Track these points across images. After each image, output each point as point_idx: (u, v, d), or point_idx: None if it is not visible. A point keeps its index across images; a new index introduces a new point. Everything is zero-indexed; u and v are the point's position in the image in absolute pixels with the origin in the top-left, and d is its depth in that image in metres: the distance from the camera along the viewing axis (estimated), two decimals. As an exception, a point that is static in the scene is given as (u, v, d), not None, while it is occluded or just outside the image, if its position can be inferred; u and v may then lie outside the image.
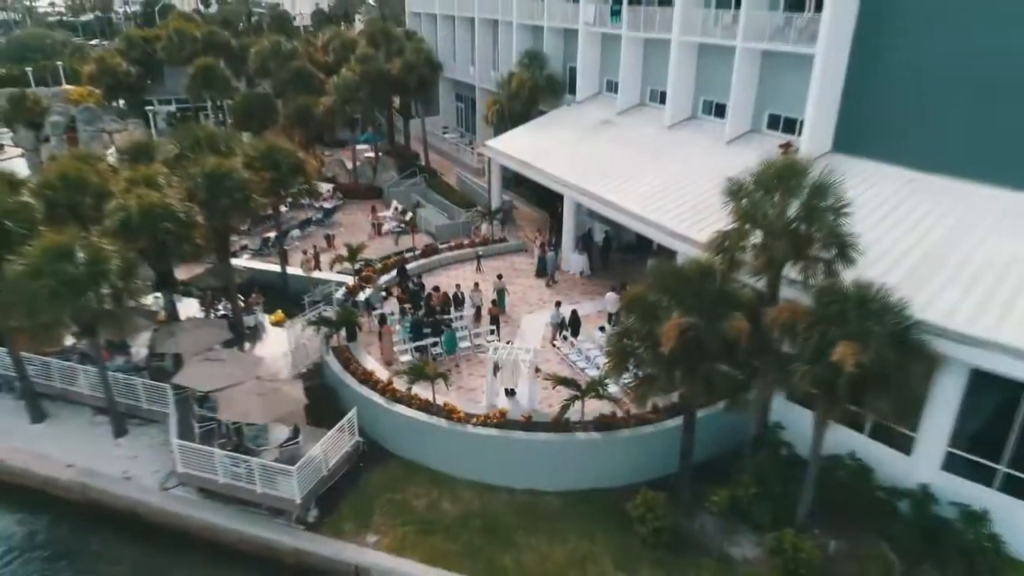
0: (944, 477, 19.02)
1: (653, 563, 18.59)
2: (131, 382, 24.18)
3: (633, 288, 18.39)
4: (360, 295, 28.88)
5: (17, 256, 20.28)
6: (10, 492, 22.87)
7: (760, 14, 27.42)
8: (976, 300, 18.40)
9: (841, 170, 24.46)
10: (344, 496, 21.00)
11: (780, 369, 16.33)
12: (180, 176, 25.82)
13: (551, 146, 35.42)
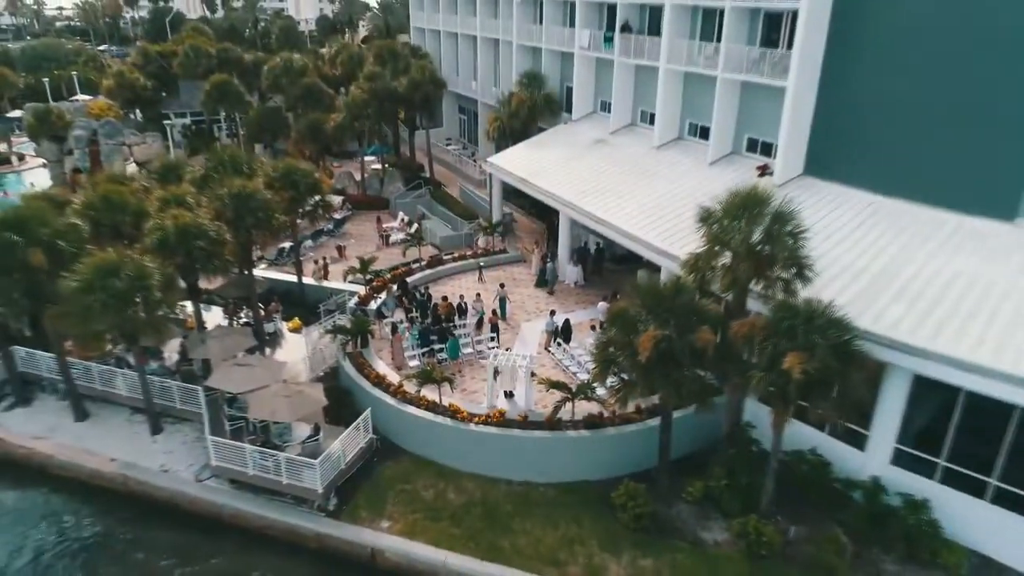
0: (892, 470, 21.51)
1: (634, 545, 21.07)
2: (166, 384, 26.73)
3: (616, 303, 20.88)
4: (371, 304, 31.41)
5: (70, 273, 22.81)
6: (60, 483, 25.44)
7: (738, 48, 29.93)
8: (919, 314, 20.87)
9: (810, 192, 27.29)
10: (360, 487, 23.52)
11: (741, 375, 18.81)
12: (208, 196, 28.34)
13: (548, 164, 37.92)
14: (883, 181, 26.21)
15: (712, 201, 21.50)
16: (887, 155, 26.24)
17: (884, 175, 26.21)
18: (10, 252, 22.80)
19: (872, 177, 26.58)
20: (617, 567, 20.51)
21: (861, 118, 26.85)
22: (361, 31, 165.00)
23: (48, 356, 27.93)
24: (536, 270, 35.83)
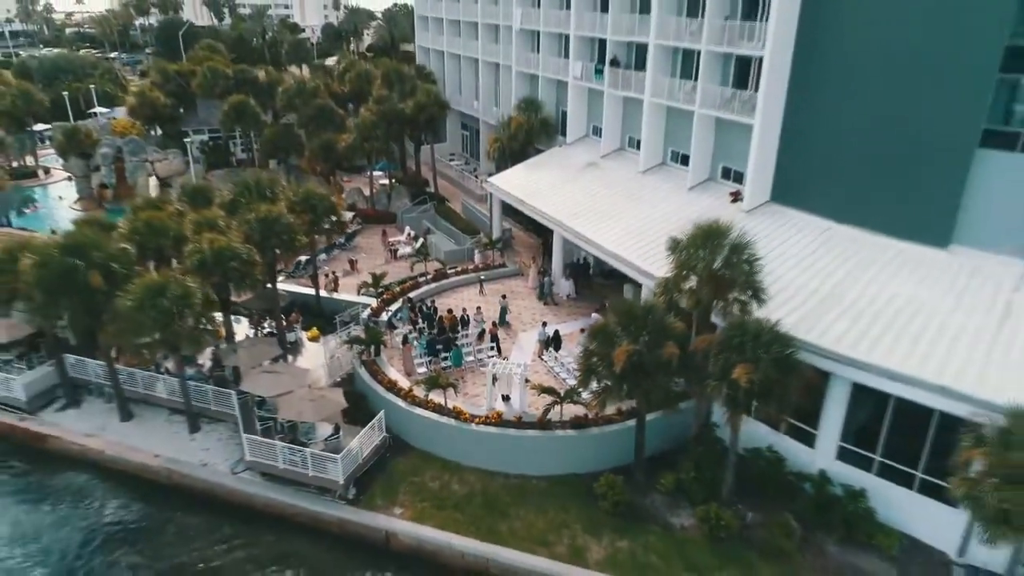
0: (837, 464, 24.88)
1: (612, 529, 24.44)
2: (203, 389, 30.18)
3: (597, 322, 24.27)
4: (383, 315, 34.83)
5: (124, 292, 26.24)
6: (110, 476, 28.91)
7: (712, 87, 33.33)
8: (859, 330, 24.23)
9: (774, 218, 30.72)
10: (375, 478, 26.94)
11: (701, 383, 22.20)
12: (238, 220, 31.77)
13: (544, 185, 41.33)
14: (837, 209, 29.61)
15: (686, 227, 24.83)
16: (841, 186, 29.63)
17: (838, 204, 29.61)
18: (72, 275, 26.22)
19: (828, 206, 29.97)
20: (598, 547, 23.90)
21: (819, 153, 30.25)
22: (366, 39, 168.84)
23: (95, 363, 31.39)
24: (533, 283, 39.26)
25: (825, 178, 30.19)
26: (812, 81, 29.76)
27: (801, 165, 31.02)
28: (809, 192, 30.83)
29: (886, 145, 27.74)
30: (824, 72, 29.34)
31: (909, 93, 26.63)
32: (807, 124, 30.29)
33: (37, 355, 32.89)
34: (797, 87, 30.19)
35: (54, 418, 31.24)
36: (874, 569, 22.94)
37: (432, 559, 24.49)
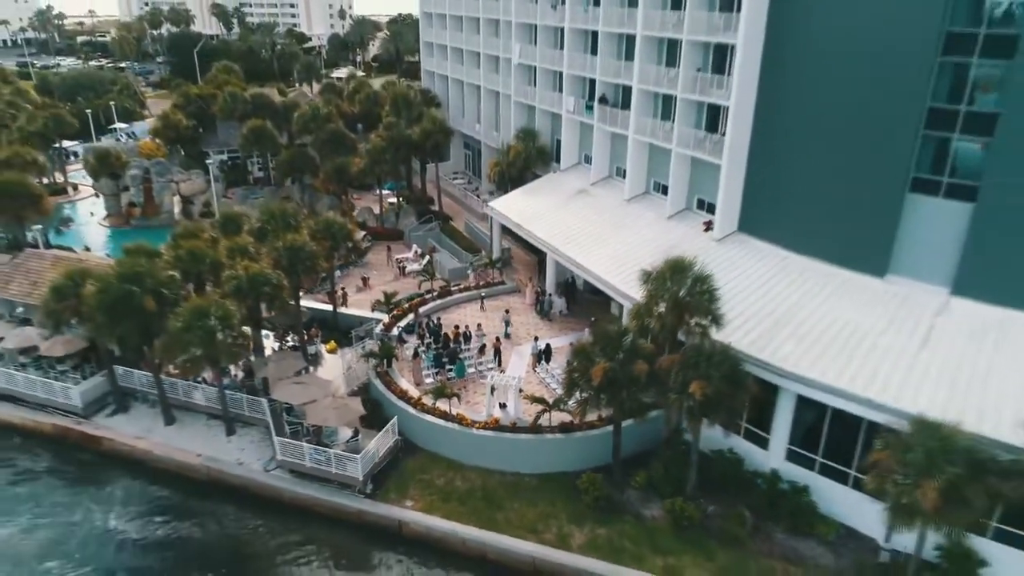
0: (786, 464, 29.06)
1: (593, 519, 28.60)
2: (237, 396, 34.42)
3: (579, 342, 28.48)
4: (393, 330, 39.03)
5: (173, 315, 30.48)
6: (157, 473, 33.17)
7: (687, 129, 37.53)
8: (804, 349, 28.36)
9: (740, 247, 34.87)
10: (389, 475, 31.14)
11: (665, 396, 26.38)
12: (267, 248, 36.02)
13: (539, 210, 45.50)
14: (794, 241, 33.76)
15: (663, 254, 29.09)
16: (797, 220, 33.78)
17: (795, 236, 33.75)
18: (129, 299, 30.46)
19: (786, 237, 34.13)
20: (580, 534, 28.08)
21: (778, 190, 34.40)
22: (371, 49, 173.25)
23: (141, 373, 35.67)
24: (530, 300, 43.45)
25: (784, 213, 34.35)
26: (772, 128, 33.93)
27: (764, 201, 35.18)
28: (770, 224, 34.97)
29: (833, 187, 31.88)
30: (782, 122, 33.50)
31: (851, 144, 30.76)
32: (768, 165, 34.43)
33: (89, 366, 37.15)
34: (759, 133, 34.35)
35: (106, 422, 35.55)
36: (813, 554, 27.08)
37: (438, 545, 28.71)
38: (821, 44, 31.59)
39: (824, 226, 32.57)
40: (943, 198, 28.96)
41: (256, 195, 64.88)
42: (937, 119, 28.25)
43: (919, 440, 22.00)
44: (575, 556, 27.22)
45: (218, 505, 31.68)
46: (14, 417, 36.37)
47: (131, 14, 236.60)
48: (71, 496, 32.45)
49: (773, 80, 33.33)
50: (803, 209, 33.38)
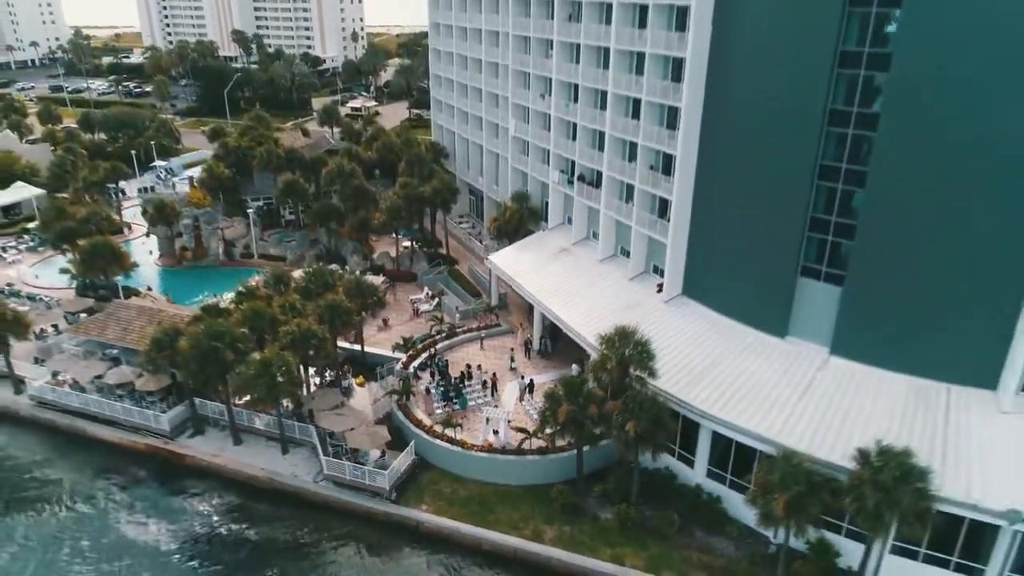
0: (706, 480, 38.81)
1: (561, 520, 38.38)
2: (290, 423, 44.44)
3: (550, 387, 38.40)
4: (410, 367, 48.93)
5: (245, 364, 40.49)
6: (229, 483, 43.19)
7: (644, 212, 47.44)
8: (718, 394, 38.08)
9: (682, 308, 44.61)
10: (409, 486, 41.03)
11: (610, 431, 36.23)
12: (312, 307, 45.99)
13: (528, 266, 55.29)
14: (722, 305, 43.57)
15: (624, 310, 38.89)
16: (723, 289, 43.59)
17: (722, 302, 43.55)
18: (213, 353, 40.52)
19: (717, 302, 43.93)
20: (550, 531, 37.89)
21: (710, 265, 44.22)
22: (382, 76, 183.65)
23: (214, 403, 45.74)
24: (520, 341, 53.30)
25: (714, 283, 44.17)
26: (704, 219, 43.78)
27: (700, 272, 45.00)
28: (705, 291, 44.79)
29: (748, 266, 41.70)
30: (711, 214, 43.34)
31: (755, 241, 40.60)
32: (703, 245, 44.27)
33: (172, 397, 47.26)
34: (695, 221, 44.19)
35: (187, 442, 45.67)
36: (722, 547, 36.81)
37: (447, 539, 38.59)
38: (731, 156, 41.43)
39: (742, 296, 42.39)
40: (823, 282, 38.72)
41: (289, 238, 75.08)
42: (816, 224, 38.03)
43: (780, 465, 31.78)
44: (547, 547, 37.05)
45: (278, 508, 41.69)
46: (115, 437, 46.55)
47: (152, 28, 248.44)
48: (169, 498, 42.58)
49: (704, 182, 43.19)
50: (728, 282, 43.21)
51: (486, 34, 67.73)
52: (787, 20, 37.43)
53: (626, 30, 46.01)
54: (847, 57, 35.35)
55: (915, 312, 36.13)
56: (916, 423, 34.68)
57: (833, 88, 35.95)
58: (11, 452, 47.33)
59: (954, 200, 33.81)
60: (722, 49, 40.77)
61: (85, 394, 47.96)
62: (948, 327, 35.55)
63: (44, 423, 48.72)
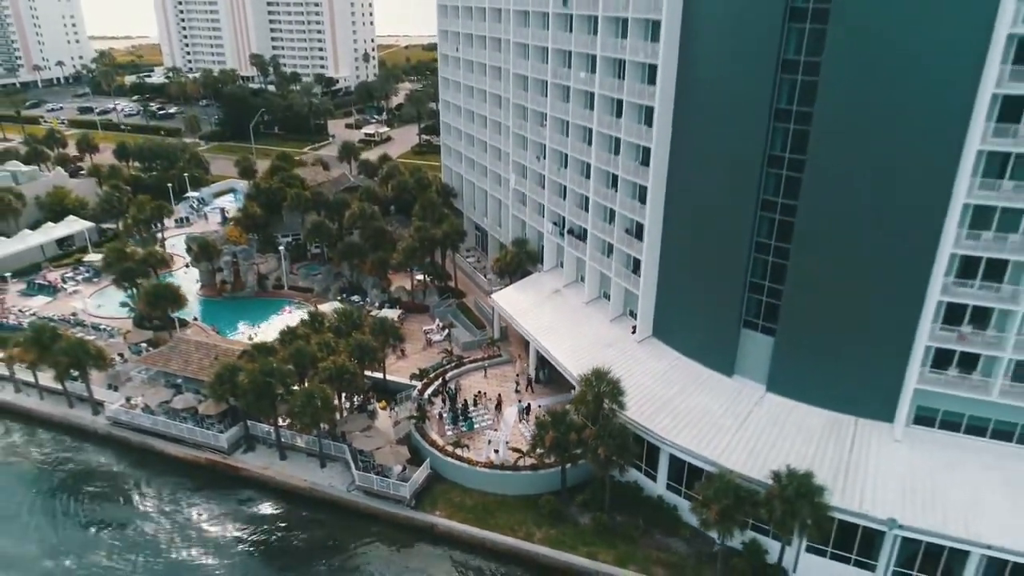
0: (667, 492, 48.03)
1: (547, 525, 47.60)
2: (327, 442, 53.83)
3: (542, 414, 47.78)
4: (425, 394, 58.24)
5: (292, 395, 49.92)
6: (277, 492, 52.65)
7: (621, 266, 56.63)
8: (676, 422, 47.27)
9: (652, 348, 53.84)
10: (425, 496, 50.34)
11: (585, 453, 45.50)
12: (343, 345, 55.38)
13: (525, 305, 64.55)
14: (683, 347, 52.78)
15: (603, 349, 48.02)
16: (684, 334, 52.80)
17: (684, 344, 52.77)
18: (266, 386, 49.96)
19: (680, 344, 53.14)
20: (539, 533, 47.11)
21: (674, 312, 53.43)
22: (394, 98, 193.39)
23: (264, 425, 55.18)
24: (519, 370, 62.55)
25: (677, 328, 53.40)
26: (668, 275, 53.01)
27: (666, 318, 54.23)
28: (671, 335, 54.03)
29: (702, 319, 50.92)
30: (674, 270, 52.57)
31: (708, 297, 49.84)
32: (668, 296, 53.51)
33: (227, 420, 56.72)
34: (662, 277, 53.43)
35: (241, 457, 55.15)
36: (677, 547, 45.95)
37: (457, 539, 47.89)
38: (688, 228, 50.67)
39: (698, 340, 51.62)
40: (760, 332, 47.92)
41: (316, 271, 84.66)
42: (754, 287, 47.25)
43: (716, 482, 41.00)
44: (536, 546, 46.28)
45: (318, 512, 51.10)
46: (179, 453, 56.07)
47: (172, 50, 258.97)
48: (226, 503, 52.07)
49: (668, 246, 52.49)
50: (688, 328, 52.46)
51: (490, 96, 77.11)
52: (728, 126, 46.54)
53: (606, 118, 55.27)
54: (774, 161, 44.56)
55: (831, 359, 45.25)
56: (828, 449, 43.84)
57: (763, 183, 45.21)
58: (92, 464, 56.96)
59: (857, 276, 42.84)
60: (678, 141, 50.06)
61: (154, 415, 57.53)
62: (856, 372, 44.69)
63: (119, 440, 58.33)
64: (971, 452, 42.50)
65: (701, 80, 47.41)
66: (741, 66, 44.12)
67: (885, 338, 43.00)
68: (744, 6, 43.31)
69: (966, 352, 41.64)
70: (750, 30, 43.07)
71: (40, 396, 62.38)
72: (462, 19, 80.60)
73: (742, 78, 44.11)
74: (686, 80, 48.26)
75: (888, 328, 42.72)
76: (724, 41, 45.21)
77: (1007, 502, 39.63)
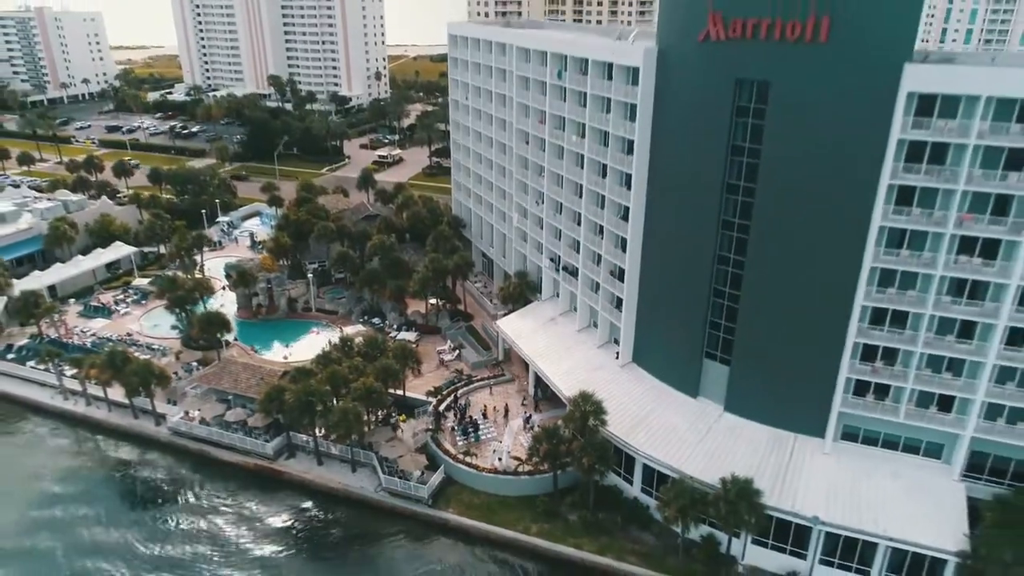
0: (641, 494, 57.92)
1: (542, 521, 57.47)
2: (356, 450, 63.89)
3: (538, 429, 57.84)
4: (440, 407, 68.22)
5: (329, 412, 60.02)
6: (316, 493, 62.75)
7: (606, 303, 66.53)
8: (647, 437, 57.13)
9: (632, 372, 63.91)
10: (440, 496, 60.32)
11: (574, 462, 55.41)
12: (370, 369, 65.46)
13: (525, 331, 74.45)
14: (656, 372, 62.68)
15: (590, 371, 57.99)
16: (658, 361, 62.68)
17: (658, 369, 62.67)
18: (308, 404, 60.10)
19: (654, 369, 63.04)
20: (535, 528, 57.03)
21: (649, 342, 63.33)
22: (406, 118, 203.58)
23: (303, 435, 65.28)
24: (518, 388, 72.50)
25: (653, 355, 63.29)
26: (646, 312, 62.92)
27: (643, 348, 64.13)
28: (647, 361, 63.93)
29: (672, 350, 60.83)
30: (650, 306, 62.47)
31: (677, 332, 59.74)
32: (645, 330, 63.41)
33: (273, 431, 66.86)
34: (640, 313, 63.33)
35: (284, 463, 65.31)
36: (647, 539, 55.78)
37: (467, 532, 57.86)
38: (660, 272, 60.60)
39: (669, 367, 61.55)
40: (719, 363, 57.80)
41: (340, 295, 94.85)
42: (713, 325, 57.13)
43: (675, 486, 50.89)
44: (532, 538, 56.22)
45: (350, 510, 61.17)
46: (231, 458, 66.25)
47: (192, 69, 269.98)
48: (271, 503, 62.24)
49: (645, 288, 62.40)
50: (661, 356, 62.38)
51: (496, 143, 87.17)
52: (690, 193, 56.30)
53: (593, 176, 65.23)
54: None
55: (775, 386, 55.06)
56: (771, 459, 53.67)
57: (719, 242, 55.07)
58: (156, 468, 67.25)
59: (793, 320, 52.62)
60: (651, 202, 59.96)
61: (209, 426, 67.75)
62: (794, 397, 54.51)
63: (179, 447, 68.55)
64: (884, 463, 52.35)
65: (669, 155, 57.28)
66: (700, 148, 53.98)
67: (816, 370, 52.75)
68: (701, 101, 53.13)
69: (879, 383, 51.46)
70: (706, 120, 52.87)
71: (108, 409, 72.69)
72: (471, 73, 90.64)
73: (701, 157, 53.98)
74: (658, 154, 58.15)
75: (818, 362, 52.48)
76: (687, 127, 55.03)
77: (910, 503, 49.40)
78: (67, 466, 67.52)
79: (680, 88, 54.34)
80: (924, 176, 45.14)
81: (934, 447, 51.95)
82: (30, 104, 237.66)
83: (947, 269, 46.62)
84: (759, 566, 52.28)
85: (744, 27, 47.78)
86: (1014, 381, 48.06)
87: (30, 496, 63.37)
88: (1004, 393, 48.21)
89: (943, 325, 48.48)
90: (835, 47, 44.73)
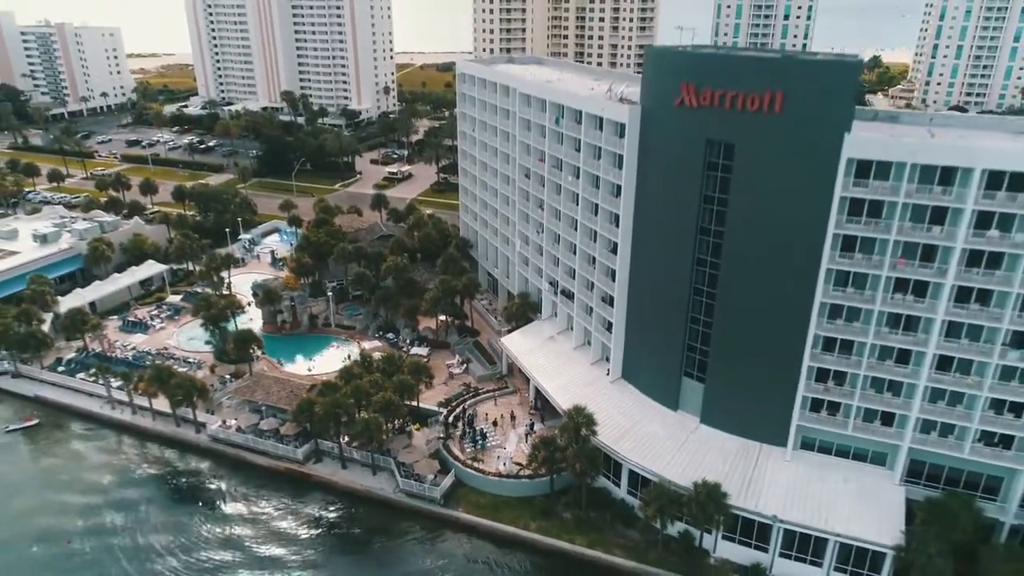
0: (627, 495, 66.05)
1: (540, 519, 65.56)
2: (377, 456, 72.13)
3: (536, 437, 66.04)
4: (450, 418, 76.41)
5: (353, 422, 68.26)
6: (341, 494, 71.07)
7: (599, 325, 74.65)
8: (633, 445, 65.24)
9: (620, 387, 72.23)
10: (451, 496, 68.49)
11: (568, 467, 63.55)
12: (387, 384, 73.71)
13: (527, 348, 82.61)
14: (642, 387, 70.80)
15: (584, 387, 66.14)
16: (642, 377, 70.80)
17: (643, 385, 70.78)
18: (335, 415, 68.37)
19: (640, 384, 71.16)
20: (534, 524, 65.17)
21: (635, 361, 71.45)
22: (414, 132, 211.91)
23: (329, 442, 73.57)
24: (519, 400, 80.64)
25: (639, 372, 71.43)
26: (633, 334, 71.04)
27: (631, 365, 72.26)
28: (634, 377, 72.07)
29: (655, 368, 68.97)
30: (635, 331, 70.58)
31: (659, 353, 67.85)
32: (632, 349, 71.54)
33: (302, 438, 75.12)
34: (628, 334, 71.45)
35: (312, 467, 73.63)
36: (632, 535, 63.88)
37: (474, 529, 66.05)
38: (644, 299, 68.68)
39: (652, 383, 69.67)
40: (695, 380, 65.90)
41: (356, 311, 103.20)
42: (690, 348, 65.24)
43: (654, 488, 59.01)
44: (531, 534, 64.38)
45: (372, 509, 69.45)
46: (264, 462, 74.59)
47: (207, 84, 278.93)
48: (301, 502, 70.55)
49: (632, 313, 70.52)
50: (645, 374, 70.52)
51: (500, 175, 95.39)
52: (669, 234, 64.30)
53: (587, 213, 73.38)
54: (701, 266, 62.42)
55: (743, 402, 63.13)
56: (739, 465, 61.74)
57: (693, 278, 63.14)
58: (197, 471, 75.63)
59: (757, 346, 60.68)
60: (636, 240, 68.04)
61: (244, 434, 76.11)
62: (760, 411, 62.57)
63: (217, 452, 76.92)
64: (837, 469, 60.41)
65: (652, 200, 65.39)
66: (677, 195, 62.06)
67: (778, 389, 60.78)
68: (678, 156, 61.19)
69: (831, 400, 59.52)
70: (682, 172, 60.94)
71: (152, 418, 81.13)
72: (478, 108, 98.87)
73: (678, 203, 62.07)
74: (642, 198, 66.26)
75: (780, 382, 60.52)
76: (666, 177, 63.12)
77: (857, 504, 57.41)
78: (121, 465, 76.03)
79: (660, 143, 62.46)
80: (864, 227, 53.17)
81: (879, 455, 59.97)
82: (51, 117, 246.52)
83: (885, 305, 54.68)
84: (728, 558, 60.34)
85: (712, 97, 55.87)
86: (944, 400, 56.07)
87: (95, 487, 72.29)
88: (936, 410, 56.25)
89: (883, 352, 56.53)
90: (787, 118, 52.81)
